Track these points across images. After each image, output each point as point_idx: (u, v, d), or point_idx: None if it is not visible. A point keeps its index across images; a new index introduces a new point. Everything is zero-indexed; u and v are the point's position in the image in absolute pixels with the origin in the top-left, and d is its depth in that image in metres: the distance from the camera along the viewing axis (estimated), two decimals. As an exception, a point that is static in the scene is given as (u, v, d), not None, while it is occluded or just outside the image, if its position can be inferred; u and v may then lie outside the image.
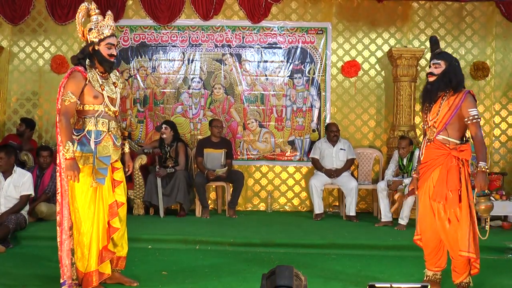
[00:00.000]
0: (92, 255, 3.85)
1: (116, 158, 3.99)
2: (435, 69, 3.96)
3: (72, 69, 3.82)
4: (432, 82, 3.96)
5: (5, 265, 4.70)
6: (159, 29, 7.87)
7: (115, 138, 3.93)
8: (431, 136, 3.97)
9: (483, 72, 7.77)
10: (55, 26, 7.88)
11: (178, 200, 6.94)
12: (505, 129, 7.90)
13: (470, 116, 3.83)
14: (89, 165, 3.80)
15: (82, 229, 3.83)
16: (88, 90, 3.82)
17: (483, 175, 3.79)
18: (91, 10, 3.87)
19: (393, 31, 7.89)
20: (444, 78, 3.91)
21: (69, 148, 3.64)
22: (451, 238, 3.88)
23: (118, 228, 3.96)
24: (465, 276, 3.95)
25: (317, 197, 6.94)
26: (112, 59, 3.87)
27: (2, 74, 7.90)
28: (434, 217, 3.94)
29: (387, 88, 7.84)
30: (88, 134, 3.82)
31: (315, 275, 4.42)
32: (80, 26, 3.90)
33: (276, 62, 7.88)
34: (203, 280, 4.35)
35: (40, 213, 6.27)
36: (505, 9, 7.74)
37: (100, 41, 3.82)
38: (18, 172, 5.80)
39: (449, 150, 3.90)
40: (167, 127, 7.10)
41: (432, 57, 4.04)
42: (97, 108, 3.85)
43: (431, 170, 3.96)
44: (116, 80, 4.02)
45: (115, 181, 3.99)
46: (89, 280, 3.86)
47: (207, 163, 7.22)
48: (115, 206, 3.94)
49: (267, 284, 2.44)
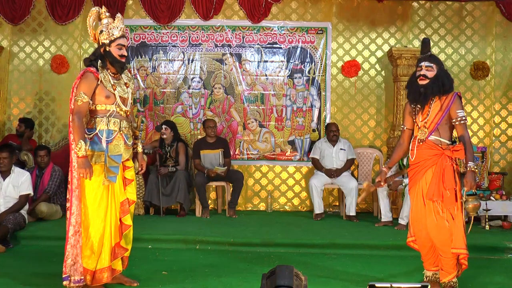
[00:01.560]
0: (105, 252, 3.93)
1: (127, 157, 4.07)
2: (428, 72, 3.99)
3: (84, 70, 3.94)
4: (425, 86, 3.98)
5: (5, 265, 4.70)
6: (159, 29, 7.87)
7: (126, 138, 4.02)
8: (422, 137, 4.00)
9: (483, 72, 7.77)
10: (55, 26, 7.88)
11: (178, 200, 6.95)
12: (505, 129, 7.90)
13: (458, 117, 3.93)
14: (101, 163, 3.89)
15: (90, 227, 3.90)
16: (100, 90, 3.91)
17: (472, 174, 3.86)
18: (101, 13, 3.98)
19: (393, 31, 7.89)
20: (437, 81, 3.96)
21: (81, 146, 3.74)
22: (443, 236, 3.90)
23: (130, 225, 4.07)
24: (453, 276, 3.96)
25: (317, 197, 6.94)
26: (123, 60, 3.97)
27: (2, 74, 7.90)
28: (431, 216, 3.94)
29: (387, 88, 7.84)
30: (100, 133, 3.91)
31: (315, 275, 4.42)
32: (91, 29, 4.00)
33: (276, 62, 7.88)
34: (203, 280, 4.35)
35: (40, 213, 6.28)
36: (505, 9, 7.74)
37: (110, 42, 3.93)
38: (17, 172, 5.80)
39: (442, 150, 3.95)
40: (167, 128, 7.10)
41: (424, 59, 4.03)
42: (109, 108, 3.95)
43: (424, 170, 3.99)
44: (128, 80, 4.12)
45: (126, 179, 4.09)
46: (102, 277, 3.94)
47: (205, 164, 7.21)
48: (126, 204, 4.05)
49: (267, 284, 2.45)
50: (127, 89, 4.06)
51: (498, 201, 6.53)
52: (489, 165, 7.63)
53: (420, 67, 4.02)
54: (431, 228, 3.94)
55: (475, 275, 4.52)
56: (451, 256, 3.91)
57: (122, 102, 3.99)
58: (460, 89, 7.82)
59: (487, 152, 7.55)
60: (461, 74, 7.83)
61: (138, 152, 4.23)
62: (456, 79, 7.84)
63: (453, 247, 3.87)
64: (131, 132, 4.10)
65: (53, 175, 6.51)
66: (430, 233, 3.96)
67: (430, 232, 3.96)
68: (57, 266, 4.65)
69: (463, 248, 3.87)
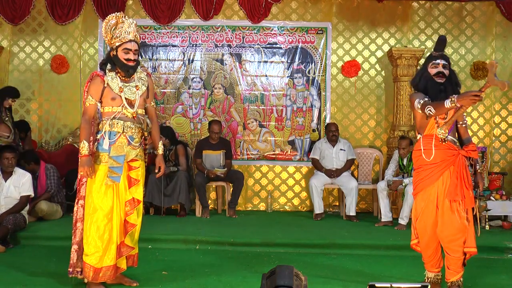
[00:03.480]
0: (110, 250, 3.99)
1: (132, 157, 4.11)
2: (445, 70, 3.95)
3: (92, 74, 4.11)
4: (444, 84, 3.93)
5: (5, 265, 4.70)
6: (159, 29, 7.87)
7: (131, 139, 4.08)
8: (443, 136, 3.91)
9: (483, 72, 7.76)
10: (55, 26, 7.88)
11: (180, 200, 6.95)
12: (505, 129, 7.89)
13: (465, 120, 4.02)
14: (105, 163, 3.98)
15: (93, 225, 3.96)
16: (107, 93, 4.04)
17: (481, 175, 3.94)
18: (119, 18, 4.05)
19: (393, 31, 7.89)
20: (452, 81, 3.97)
21: (84, 146, 3.91)
22: (456, 235, 3.86)
23: (135, 224, 4.14)
24: (460, 275, 3.95)
25: (317, 197, 6.94)
26: (130, 64, 4.04)
27: (2, 74, 7.90)
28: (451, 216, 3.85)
29: (387, 88, 7.84)
30: (105, 134, 4.02)
31: (315, 275, 4.42)
32: (108, 34, 4.07)
33: (276, 62, 7.88)
34: (203, 279, 4.35)
35: (40, 212, 6.26)
36: (505, 9, 7.74)
37: (117, 46, 4.03)
38: (18, 173, 5.80)
39: (457, 150, 3.94)
40: (161, 136, 7.08)
41: (441, 57, 3.96)
42: (115, 109, 4.05)
43: (442, 170, 3.90)
44: (140, 83, 4.16)
45: (132, 179, 4.13)
46: (105, 274, 3.99)
47: (206, 165, 7.22)
48: (132, 203, 4.12)
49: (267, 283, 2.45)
50: (137, 91, 4.12)
51: (498, 201, 6.53)
52: (489, 165, 7.63)
53: (437, 65, 3.94)
54: (447, 227, 3.87)
55: (475, 275, 4.52)
56: (459, 255, 3.89)
57: (128, 104, 4.07)
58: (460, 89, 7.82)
59: (487, 152, 7.55)
60: (461, 74, 7.82)
61: (158, 154, 4.31)
62: (456, 79, 7.86)
63: (467, 246, 3.88)
64: (138, 133, 4.15)
65: (48, 174, 6.49)
66: (442, 232, 3.89)
67: (442, 231, 3.89)
68: (57, 266, 4.67)
69: (475, 246, 3.90)
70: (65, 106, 7.91)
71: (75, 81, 7.88)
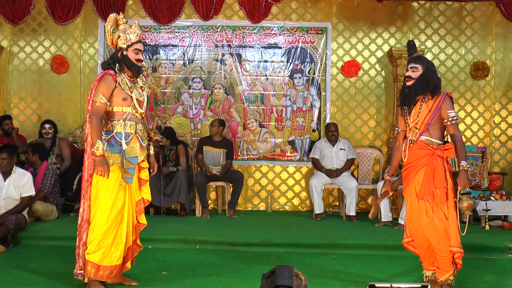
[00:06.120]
0: (118, 250, 4.02)
1: (142, 158, 4.18)
2: (413, 72, 4.04)
3: (103, 73, 4.07)
4: (410, 86, 4.04)
5: (5, 265, 4.70)
6: (159, 29, 7.87)
7: (141, 140, 4.13)
8: (413, 138, 4.05)
9: (483, 72, 7.77)
10: (55, 26, 7.88)
11: (180, 200, 6.95)
12: (505, 129, 7.90)
13: (449, 117, 3.97)
14: (117, 165, 3.99)
15: (98, 224, 3.97)
16: (118, 92, 4.04)
17: (465, 173, 3.89)
18: (119, 20, 4.13)
19: (393, 31, 7.89)
20: (422, 81, 4.00)
21: (99, 146, 3.87)
22: (437, 234, 3.91)
23: (145, 224, 4.24)
24: (450, 274, 3.97)
25: (317, 197, 6.94)
26: (139, 64, 4.10)
27: (2, 74, 7.90)
28: (423, 216, 3.96)
29: (387, 88, 7.84)
30: (117, 136, 4.01)
31: (315, 275, 4.42)
32: (109, 35, 4.15)
33: (276, 62, 7.88)
34: (203, 280, 4.35)
35: (36, 212, 6.24)
36: (505, 9, 7.74)
37: (128, 47, 4.06)
38: (18, 172, 5.78)
39: (433, 150, 3.99)
40: (162, 138, 7.11)
41: (410, 61, 4.09)
42: (125, 109, 4.06)
43: (416, 170, 4.03)
44: (143, 84, 4.25)
45: (142, 180, 4.22)
46: (113, 273, 4.03)
47: (206, 161, 7.24)
48: (142, 203, 4.21)
49: (267, 284, 2.45)
50: (143, 92, 4.19)
51: (498, 201, 6.53)
52: (489, 165, 7.63)
53: (407, 69, 4.10)
54: (426, 227, 3.96)
55: (475, 275, 4.53)
56: (446, 255, 3.93)
57: (138, 104, 4.11)
58: (460, 89, 7.84)
59: (487, 152, 7.55)
60: (461, 74, 7.83)
61: (150, 154, 4.32)
62: (456, 79, 7.86)
63: (451, 245, 3.91)
64: (146, 134, 4.21)
65: (47, 174, 6.46)
66: (425, 233, 3.98)
67: (425, 231, 3.98)
68: (57, 266, 4.67)
69: (458, 246, 3.90)
70: (65, 106, 7.92)
71: (75, 81, 7.89)
